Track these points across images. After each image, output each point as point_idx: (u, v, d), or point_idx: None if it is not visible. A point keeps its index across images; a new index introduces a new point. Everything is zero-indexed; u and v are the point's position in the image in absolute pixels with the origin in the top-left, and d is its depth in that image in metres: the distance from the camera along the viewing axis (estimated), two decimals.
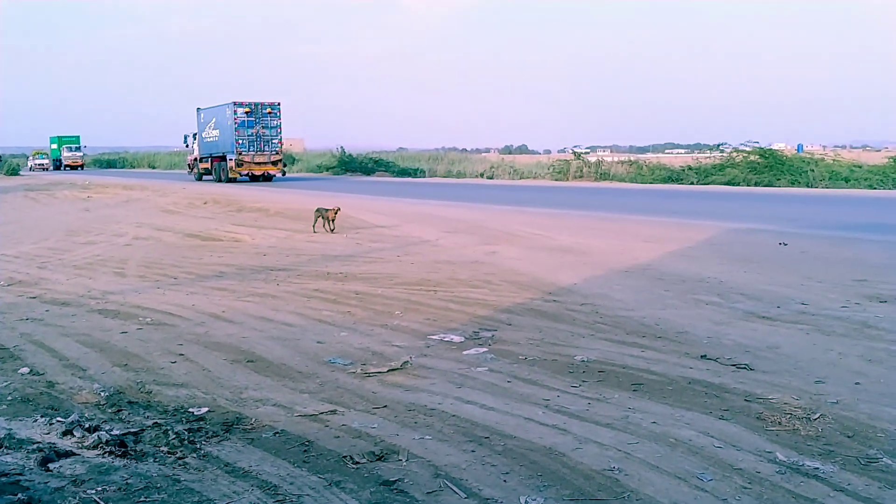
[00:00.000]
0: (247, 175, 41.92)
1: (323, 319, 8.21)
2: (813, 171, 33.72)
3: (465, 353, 6.80)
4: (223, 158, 42.84)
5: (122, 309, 8.94)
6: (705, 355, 6.59)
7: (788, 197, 26.84)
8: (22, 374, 6.28)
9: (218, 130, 43.44)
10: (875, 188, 30.51)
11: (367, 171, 55.68)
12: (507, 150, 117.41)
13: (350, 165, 57.85)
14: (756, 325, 7.72)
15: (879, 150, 63.86)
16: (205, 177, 46.32)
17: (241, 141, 41.05)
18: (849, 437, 4.72)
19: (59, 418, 5.06)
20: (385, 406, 5.36)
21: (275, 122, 42.18)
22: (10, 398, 5.63)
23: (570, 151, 48.76)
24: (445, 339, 7.28)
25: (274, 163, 42.43)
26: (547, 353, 6.72)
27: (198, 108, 46.89)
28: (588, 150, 58.88)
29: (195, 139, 47.89)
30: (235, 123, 40.99)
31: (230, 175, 41.73)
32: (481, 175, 49.08)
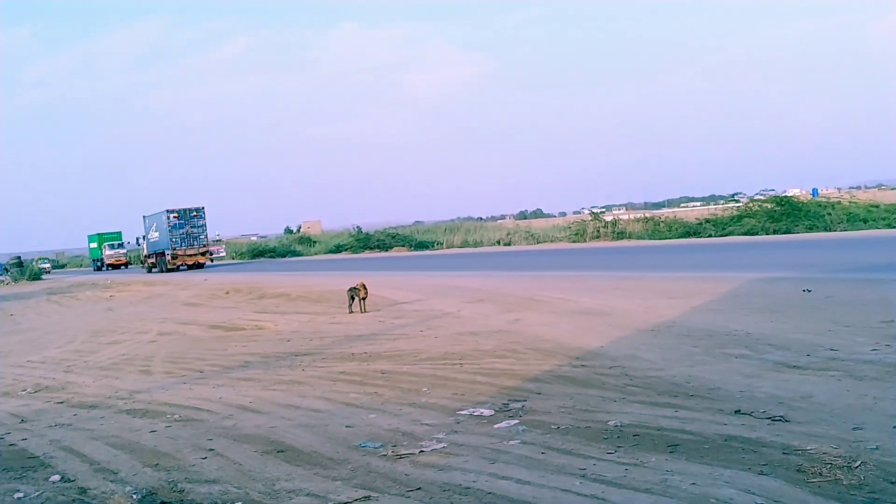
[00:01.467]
0: (182, 265, 50.78)
1: (350, 402, 8.16)
2: (830, 214, 33.63)
3: (496, 426, 6.72)
4: (163, 254, 52.02)
5: (149, 407, 8.93)
6: (739, 410, 6.49)
7: (808, 242, 26.70)
8: (53, 483, 6.25)
9: (158, 233, 53.22)
10: (894, 227, 30.32)
11: (385, 248, 55.99)
12: (523, 216, 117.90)
13: (367, 243, 58.26)
14: (787, 376, 7.61)
15: (895, 189, 63.70)
16: (153, 269, 53.97)
17: (174, 239, 50.81)
18: (892, 483, 4.62)
19: None
20: (419, 488, 5.28)
21: (201, 223, 51.76)
22: None
23: (587, 212, 48.91)
24: (475, 414, 7.21)
25: (202, 253, 51.78)
26: (579, 421, 6.63)
27: (143, 216, 56.70)
28: (603, 210, 59.12)
29: (144, 240, 57.59)
30: (169, 226, 50.69)
31: (169, 266, 50.71)
32: (498, 242, 49.20)
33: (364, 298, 16.53)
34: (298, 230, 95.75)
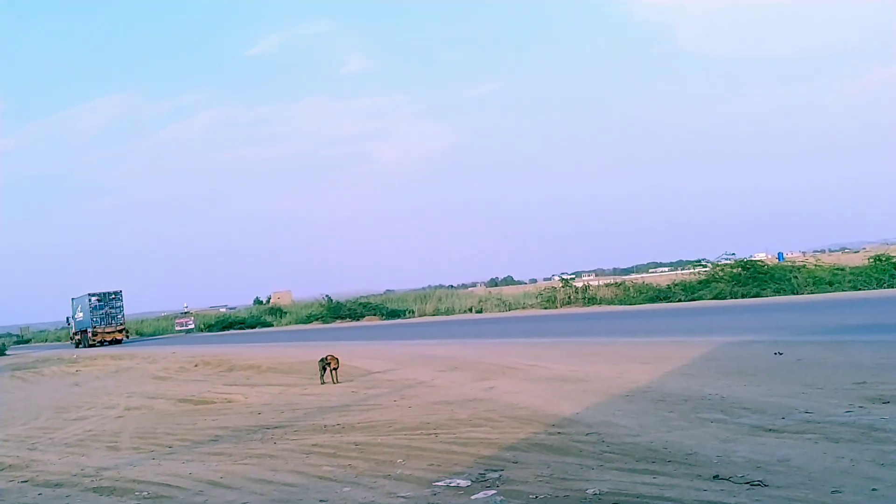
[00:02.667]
0: (101, 342, 56.71)
1: (324, 475, 8.00)
2: (797, 278, 34.09)
3: (473, 497, 6.62)
4: (86, 332, 58.68)
5: (117, 485, 8.70)
6: (717, 475, 6.44)
7: (776, 306, 26.98)
8: None
9: (82, 313, 60.14)
10: (860, 289, 30.74)
11: (357, 317, 55.76)
12: (494, 283, 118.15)
13: (338, 312, 57.98)
14: (764, 439, 7.59)
15: (858, 252, 64.85)
16: (79, 345, 59.50)
17: (95, 319, 58.09)
18: None
19: None
20: None
21: (118, 304, 59.06)
22: None
23: (557, 278, 49.19)
24: (452, 485, 7.09)
25: (119, 331, 58.92)
26: (558, 490, 6.55)
27: (71, 298, 63.52)
28: (573, 276, 59.48)
29: (72, 319, 64.33)
30: (91, 307, 58.12)
31: (91, 342, 56.97)
32: (470, 310, 49.22)
33: (335, 369, 16.35)
34: (268, 301, 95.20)
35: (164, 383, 21.23)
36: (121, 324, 59.67)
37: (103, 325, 58.44)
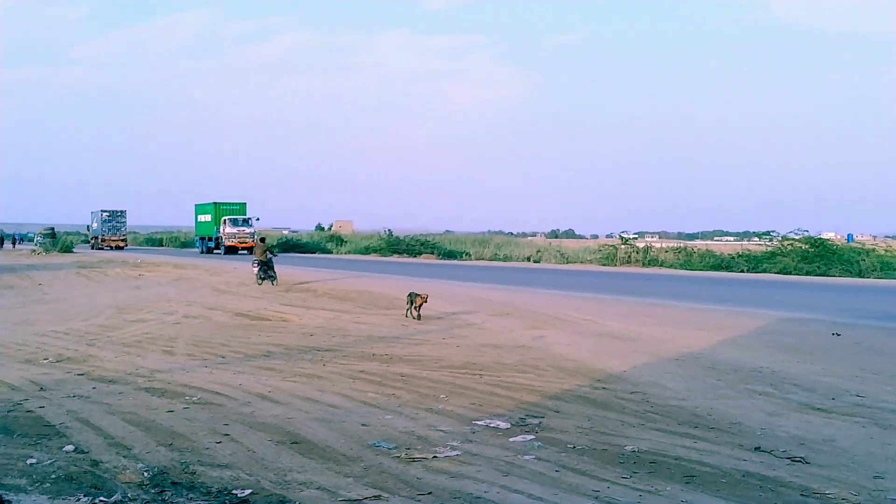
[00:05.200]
0: (108, 247, 70.61)
1: (368, 401, 8.15)
2: (864, 260, 33.19)
3: (511, 440, 6.68)
4: (97, 238, 73.50)
5: (169, 387, 8.98)
6: (759, 447, 6.40)
7: (840, 287, 26.35)
8: (66, 452, 6.29)
9: (97, 224, 74.70)
10: None
11: (414, 253, 55.98)
12: (554, 234, 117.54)
13: (397, 247, 58.24)
14: (811, 417, 7.50)
15: None
16: (94, 247, 71.83)
17: (105, 229, 73.07)
18: None
19: (102, 498, 5.03)
20: (430, 493, 5.25)
21: (122, 220, 74.20)
22: (53, 476, 5.63)
23: (618, 237, 48.59)
24: (491, 425, 7.17)
25: (121, 240, 73.50)
26: (596, 443, 6.57)
27: (91, 211, 77.82)
28: (636, 236, 58.65)
29: (90, 228, 78.91)
30: (102, 220, 73.29)
31: (100, 246, 71.16)
32: (528, 259, 49.03)
33: (419, 307, 15.91)
34: (329, 228, 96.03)
35: (224, 296, 21.70)
36: (123, 235, 74.51)
37: (110, 235, 72.96)
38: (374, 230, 71.88)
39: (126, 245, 75.45)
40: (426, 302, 15.81)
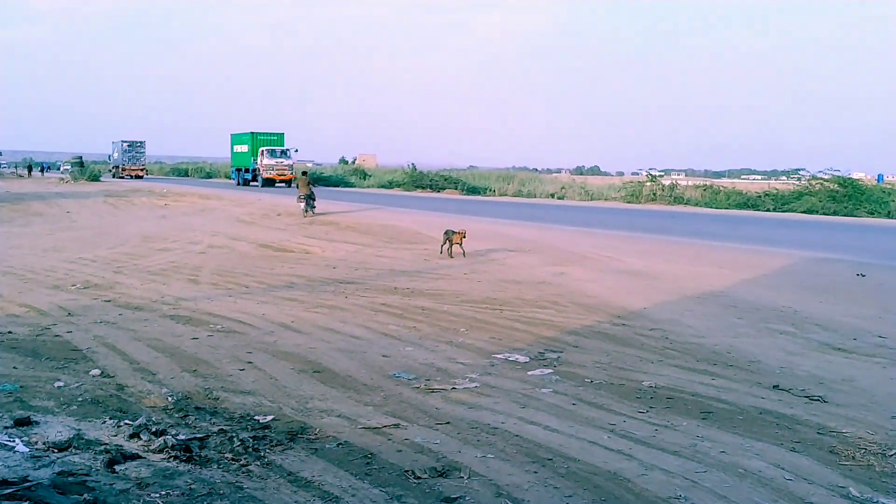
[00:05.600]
0: (128, 176, 72.47)
1: (389, 333, 8.24)
2: (894, 202, 32.73)
3: (529, 373, 6.75)
4: (118, 168, 75.89)
5: (193, 315, 9.12)
6: (777, 385, 6.43)
7: (867, 227, 26.07)
8: (93, 376, 6.43)
9: (117, 153, 77.37)
10: None
11: (437, 188, 55.78)
12: (579, 171, 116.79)
13: (420, 182, 58.02)
14: (831, 357, 7.50)
15: None
16: (115, 175, 73.91)
17: (125, 159, 75.45)
18: None
19: (126, 421, 5.15)
20: (448, 422, 5.34)
21: (142, 150, 77.29)
22: (80, 399, 5.76)
23: (644, 174, 48.16)
24: (510, 359, 7.24)
25: (140, 169, 76.04)
26: (614, 378, 6.63)
27: (112, 142, 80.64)
28: (662, 174, 58.12)
29: (111, 158, 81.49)
30: (123, 150, 75.74)
31: (121, 175, 73.09)
32: (552, 195, 48.73)
33: (456, 244, 15.40)
34: (353, 162, 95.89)
35: (248, 227, 21.86)
36: (142, 165, 77.50)
37: (130, 164, 75.15)
38: (398, 164, 71.75)
39: (145, 174, 77.74)
40: (465, 238, 15.33)
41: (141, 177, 74.61)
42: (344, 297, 10.48)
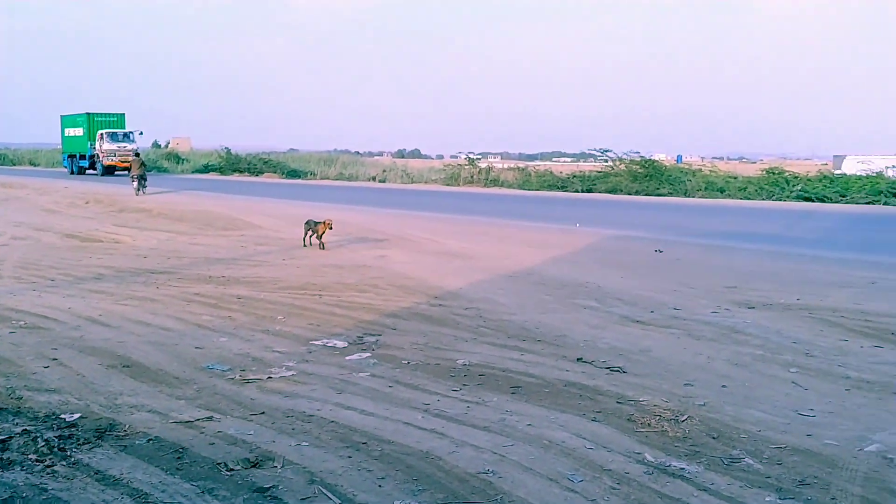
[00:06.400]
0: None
1: (202, 324, 8.06)
2: (690, 181, 34.95)
3: (347, 358, 6.80)
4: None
5: None
6: (581, 358, 6.78)
7: (667, 206, 27.73)
8: None
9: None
10: (750, 199, 31.81)
11: (256, 172, 54.64)
12: (401, 154, 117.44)
13: (237, 166, 56.64)
14: (630, 329, 7.98)
15: (755, 163, 66.87)
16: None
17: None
18: (714, 438, 4.94)
19: None
20: (263, 412, 5.31)
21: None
22: None
23: (463, 157, 49.11)
24: (328, 345, 7.26)
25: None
26: (430, 358, 6.78)
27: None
28: (480, 157, 59.40)
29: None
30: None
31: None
32: (373, 178, 48.93)
33: (321, 235, 14.44)
34: (167, 146, 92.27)
35: (53, 217, 20.72)
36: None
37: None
38: (214, 148, 69.64)
39: None
40: (330, 229, 14.43)
41: None
42: (155, 288, 10.15)
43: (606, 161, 40.05)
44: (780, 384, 6.12)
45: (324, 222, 14.38)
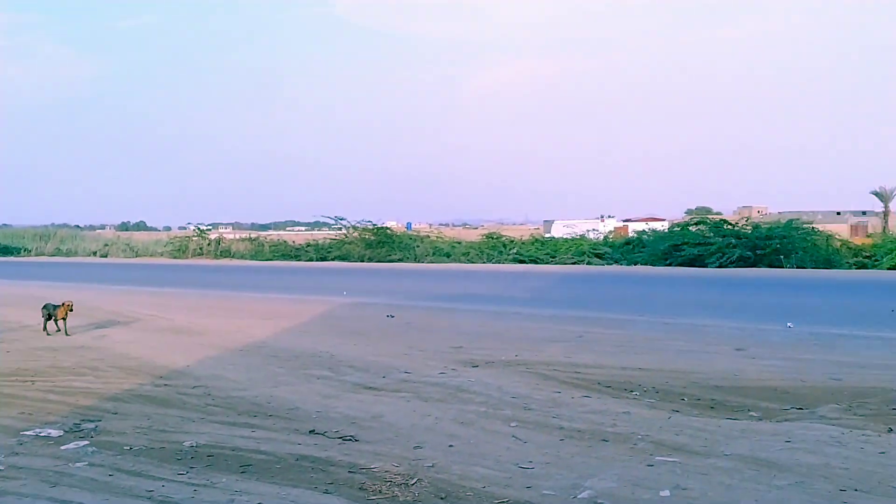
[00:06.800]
0: None
1: None
2: (419, 247, 36.35)
3: (63, 448, 6.35)
4: None
5: None
6: (314, 430, 6.77)
7: (398, 272, 28.57)
8: None
9: None
10: (473, 262, 33.52)
11: None
12: (125, 227, 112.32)
13: None
14: (363, 396, 8.09)
15: (476, 228, 70.66)
16: None
17: None
18: (442, 498, 5.08)
19: None
20: None
21: None
22: None
23: (194, 228, 47.95)
24: (42, 435, 6.75)
25: None
26: (154, 441, 6.49)
27: None
28: (210, 227, 58.24)
29: None
30: None
31: None
32: (94, 253, 46.43)
33: (64, 318, 13.05)
34: None
35: None
36: None
37: None
38: None
39: None
40: (71, 310, 13.09)
41: None
42: None
43: (340, 229, 40.72)
44: (501, 439, 6.46)
45: (63, 304, 13.08)
